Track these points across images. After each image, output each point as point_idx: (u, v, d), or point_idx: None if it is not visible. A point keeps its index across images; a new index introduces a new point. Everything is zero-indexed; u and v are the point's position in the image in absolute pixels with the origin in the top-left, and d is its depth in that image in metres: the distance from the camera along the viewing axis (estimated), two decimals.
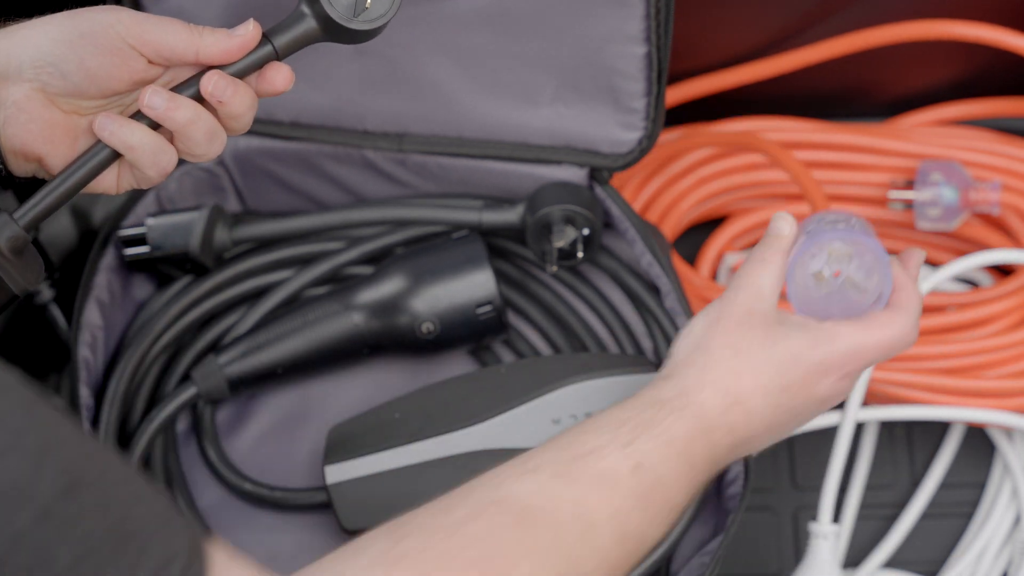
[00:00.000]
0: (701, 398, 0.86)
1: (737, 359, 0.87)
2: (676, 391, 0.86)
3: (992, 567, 1.19)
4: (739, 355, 0.88)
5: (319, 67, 1.07)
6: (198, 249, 1.09)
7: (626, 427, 0.84)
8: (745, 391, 0.87)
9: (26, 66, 0.82)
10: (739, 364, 0.87)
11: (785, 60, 1.23)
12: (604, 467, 0.81)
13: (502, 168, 1.09)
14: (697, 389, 0.86)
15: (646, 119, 1.06)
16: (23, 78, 0.83)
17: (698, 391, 0.86)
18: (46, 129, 0.84)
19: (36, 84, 0.83)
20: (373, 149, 1.10)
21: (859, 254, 0.90)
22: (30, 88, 0.83)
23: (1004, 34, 1.18)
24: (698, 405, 0.86)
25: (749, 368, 0.87)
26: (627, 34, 1.01)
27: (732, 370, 0.87)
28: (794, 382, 0.88)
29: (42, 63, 0.82)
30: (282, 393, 1.12)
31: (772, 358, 0.88)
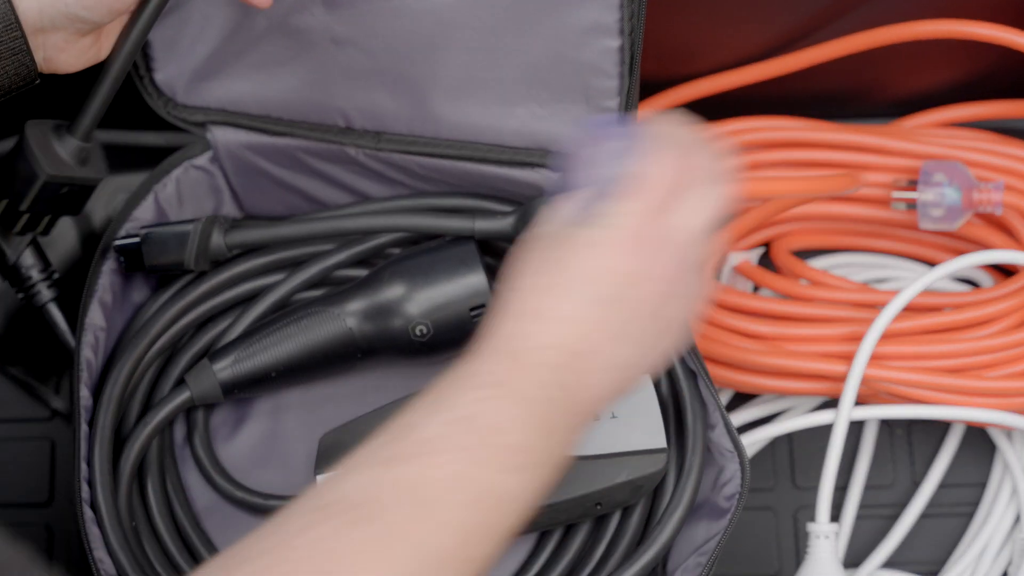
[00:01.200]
0: (519, 328, 0.80)
1: (540, 277, 0.81)
2: (497, 339, 0.80)
3: (992, 567, 1.19)
4: (539, 273, 0.82)
5: (303, 59, 1.07)
6: (193, 262, 1.09)
7: (432, 395, 0.78)
8: (563, 305, 0.80)
9: (59, 20, 0.92)
10: (546, 280, 0.81)
11: (788, 61, 1.23)
12: (428, 435, 0.75)
13: (478, 170, 1.09)
14: (514, 319, 0.80)
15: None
16: (57, 27, 0.93)
17: (515, 322, 0.80)
18: (80, 52, 0.96)
19: (71, 30, 0.93)
20: (354, 147, 1.11)
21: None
22: (66, 33, 0.93)
23: (1011, 33, 1.18)
24: (520, 338, 0.79)
25: (552, 281, 0.81)
26: (602, 25, 1.01)
27: (538, 289, 0.81)
28: (600, 272, 0.82)
29: (73, 17, 0.92)
30: (277, 397, 1.12)
31: (571, 263, 0.82)
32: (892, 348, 1.17)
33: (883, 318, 1.15)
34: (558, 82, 1.05)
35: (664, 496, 1.05)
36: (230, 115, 1.11)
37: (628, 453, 1.03)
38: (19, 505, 1.21)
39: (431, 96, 1.08)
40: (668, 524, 1.03)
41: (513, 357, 0.79)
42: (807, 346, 1.19)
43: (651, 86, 1.25)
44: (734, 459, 1.03)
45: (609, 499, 1.03)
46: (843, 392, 1.15)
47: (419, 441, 0.76)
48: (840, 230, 1.27)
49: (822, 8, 1.20)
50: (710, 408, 1.05)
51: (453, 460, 0.75)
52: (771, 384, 1.19)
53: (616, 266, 0.82)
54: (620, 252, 0.82)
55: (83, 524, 1.01)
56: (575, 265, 0.82)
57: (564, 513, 1.03)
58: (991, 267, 1.26)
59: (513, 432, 0.77)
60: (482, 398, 0.77)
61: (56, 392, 1.20)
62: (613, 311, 0.81)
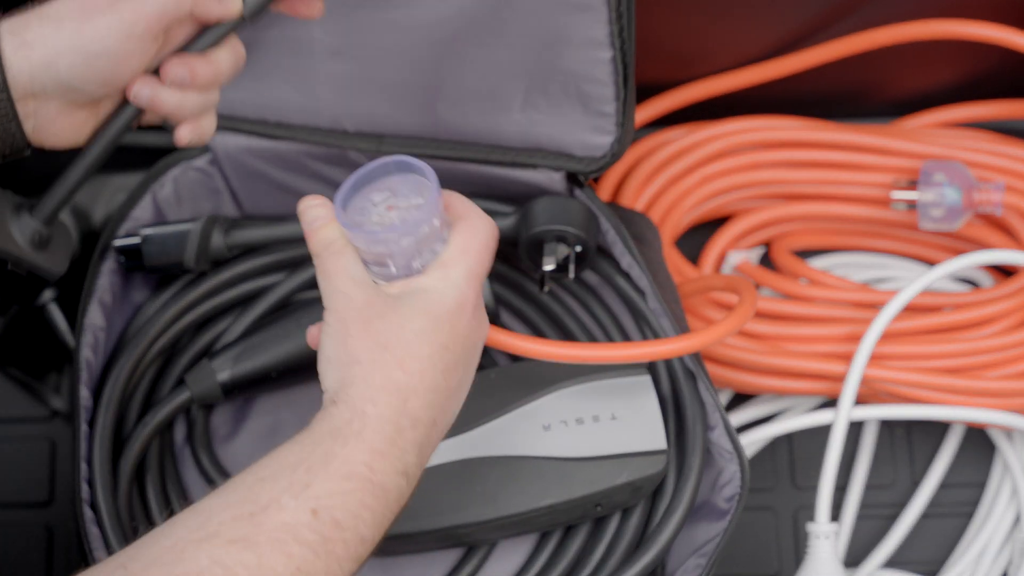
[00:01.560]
0: (377, 410, 0.82)
1: (389, 351, 0.84)
2: (349, 414, 0.82)
3: (992, 567, 1.19)
4: (388, 347, 0.84)
5: (299, 69, 1.07)
6: (193, 262, 1.10)
7: (301, 469, 0.80)
8: (414, 376, 0.84)
9: (51, 88, 0.85)
10: (394, 355, 0.84)
11: (789, 61, 1.23)
12: (282, 520, 0.78)
13: (479, 171, 1.10)
14: (370, 402, 0.83)
15: (617, 124, 1.06)
16: (49, 95, 0.86)
17: (372, 404, 0.83)
18: (76, 128, 0.89)
19: (64, 100, 0.87)
20: (355, 150, 1.11)
21: (393, 189, 0.87)
22: (58, 103, 0.87)
23: (1011, 33, 1.18)
24: (375, 418, 0.82)
25: (406, 351, 0.84)
26: (593, 39, 1.02)
27: (391, 363, 0.84)
28: (445, 337, 0.85)
29: (66, 87, 0.85)
30: (276, 397, 1.12)
31: (418, 330, 0.84)
32: (892, 348, 1.18)
33: (883, 318, 1.15)
34: (555, 90, 1.05)
35: (664, 497, 1.05)
36: (229, 120, 1.11)
37: (628, 454, 1.03)
38: (19, 505, 1.21)
39: (429, 104, 1.08)
40: (668, 525, 1.03)
41: (391, 444, 0.82)
42: (807, 346, 1.20)
43: (652, 88, 1.26)
44: (734, 460, 1.03)
45: (609, 500, 1.03)
46: (843, 392, 1.15)
47: (277, 527, 0.78)
48: (840, 230, 1.27)
49: (823, 9, 1.20)
50: (709, 409, 1.05)
51: (302, 553, 0.78)
52: (771, 384, 1.19)
53: (464, 332, 0.87)
54: (466, 319, 0.87)
55: (83, 524, 1.01)
56: (431, 333, 0.85)
57: (564, 514, 1.03)
58: (991, 267, 1.26)
59: (356, 528, 0.80)
60: (343, 492, 0.80)
61: (56, 392, 1.20)
62: (460, 375, 0.87)
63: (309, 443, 0.81)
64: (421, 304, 0.85)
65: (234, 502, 0.79)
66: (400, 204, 0.87)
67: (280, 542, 0.77)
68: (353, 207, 0.87)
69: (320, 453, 0.81)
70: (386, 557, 1.07)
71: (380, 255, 0.86)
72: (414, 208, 0.86)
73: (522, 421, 1.03)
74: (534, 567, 1.05)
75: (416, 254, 0.86)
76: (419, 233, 0.85)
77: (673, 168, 1.25)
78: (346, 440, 0.81)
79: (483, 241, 0.88)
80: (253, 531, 0.77)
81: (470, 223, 0.88)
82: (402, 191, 0.87)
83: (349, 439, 0.81)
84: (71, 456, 1.04)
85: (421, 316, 0.85)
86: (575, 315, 1.12)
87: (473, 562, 1.06)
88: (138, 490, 1.07)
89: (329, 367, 0.85)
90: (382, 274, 0.87)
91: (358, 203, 0.87)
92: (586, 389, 1.04)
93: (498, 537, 1.06)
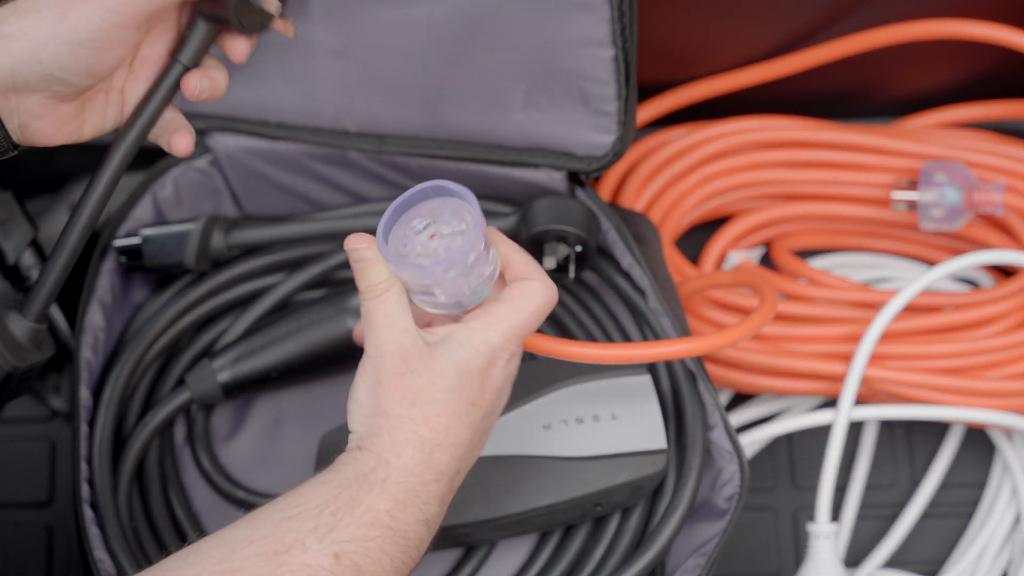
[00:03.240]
0: (401, 462, 0.84)
1: (417, 407, 0.86)
2: (374, 462, 0.84)
3: (992, 567, 1.19)
4: (416, 403, 0.86)
5: (299, 69, 1.07)
6: (193, 262, 1.10)
7: (327, 512, 0.82)
8: (439, 433, 0.86)
9: (33, 80, 0.85)
10: (422, 412, 0.86)
11: (790, 61, 1.23)
12: (306, 561, 0.80)
13: (480, 170, 1.10)
14: (395, 454, 0.84)
15: (618, 123, 1.06)
16: (32, 89, 0.85)
17: (396, 456, 0.84)
18: (61, 124, 0.88)
19: (48, 93, 0.86)
20: (355, 150, 1.11)
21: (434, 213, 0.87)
22: (42, 97, 0.86)
23: (1012, 33, 1.18)
24: (399, 470, 0.84)
25: (432, 408, 0.86)
26: (594, 38, 1.01)
27: (417, 420, 0.85)
28: (474, 393, 0.87)
29: (49, 78, 0.85)
30: (276, 397, 1.13)
31: (448, 387, 0.86)
32: (892, 348, 1.18)
33: (882, 318, 1.15)
34: (556, 90, 1.05)
35: (664, 497, 1.05)
36: (229, 121, 1.11)
37: (628, 454, 1.03)
38: (19, 505, 1.21)
39: (430, 103, 1.08)
40: (667, 525, 1.03)
41: (414, 496, 0.84)
42: (807, 346, 1.20)
43: (653, 88, 1.26)
44: (733, 460, 1.03)
45: (609, 500, 1.03)
46: (842, 392, 1.15)
47: (297, 567, 0.79)
48: (840, 230, 1.27)
49: (823, 9, 1.20)
50: (709, 409, 1.05)
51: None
52: (771, 384, 1.19)
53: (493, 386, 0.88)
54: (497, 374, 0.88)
55: (83, 524, 1.01)
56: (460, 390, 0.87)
57: (564, 514, 1.03)
58: (991, 267, 1.26)
59: (385, 573, 0.82)
60: (365, 538, 0.82)
61: (56, 392, 1.20)
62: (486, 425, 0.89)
63: (335, 485, 0.83)
64: (455, 360, 0.87)
65: (259, 538, 0.80)
66: (443, 231, 0.87)
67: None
68: (395, 236, 0.87)
69: (346, 498, 0.83)
70: None
71: (427, 286, 0.87)
72: (458, 235, 0.87)
73: (522, 420, 1.03)
74: (534, 567, 1.06)
75: (464, 282, 0.87)
76: (466, 263, 0.86)
77: (673, 168, 1.25)
78: (371, 487, 0.83)
79: (535, 308, 0.89)
80: (276, 570, 0.79)
81: (529, 287, 0.89)
82: (443, 216, 0.87)
83: (374, 487, 0.83)
84: (71, 456, 1.04)
85: (452, 373, 0.86)
86: (575, 315, 1.12)
87: (473, 562, 1.06)
88: (138, 490, 1.07)
89: (358, 412, 0.87)
90: (430, 303, 0.88)
91: (399, 231, 0.87)
92: (586, 389, 1.04)
93: (498, 537, 1.06)
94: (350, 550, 0.81)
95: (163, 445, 1.09)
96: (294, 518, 0.81)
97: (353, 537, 0.81)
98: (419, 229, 0.87)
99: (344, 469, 0.84)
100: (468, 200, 0.86)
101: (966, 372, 1.18)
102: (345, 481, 0.84)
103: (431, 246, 0.87)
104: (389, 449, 0.85)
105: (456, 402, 0.86)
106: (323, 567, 0.80)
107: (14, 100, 0.85)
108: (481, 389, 0.87)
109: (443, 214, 0.87)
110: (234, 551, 0.79)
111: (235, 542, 0.80)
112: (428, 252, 0.87)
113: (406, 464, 0.84)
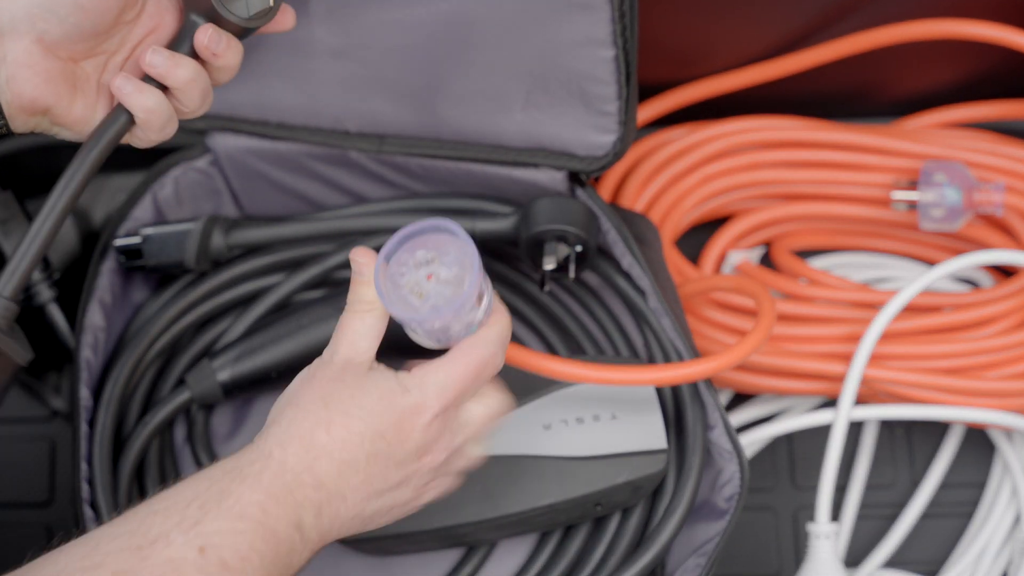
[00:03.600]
0: (284, 455, 0.82)
1: (327, 410, 0.84)
2: (256, 454, 0.82)
3: (992, 567, 1.19)
4: (329, 406, 0.84)
5: (300, 69, 1.07)
6: (193, 262, 1.10)
7: (194, 505, 0.79)
8: (335, 441, 0.83)
9: (20, 17, 0.82)
10: (328, 414, 0.84)
11: (790, 61, 1.23)
12: (169, 555, 0.77)
13: (481, 170, 1.10)
14: (280, 447, 0.82)
15: (619, 122, 1.06)
16: (19, 31, 0.82)
17: (281, 449, 0.82)
18: (50, 80, 0.83)
19: (34, 35, 0.82)
20: (355, 150, 1.11)
21: (439, 249, 0.86)
22: (29, 41, 0.82)
23: (1012, 33, 1.18)
24: (278, 463, 0.82)
25: (339, 417, 0.84)
26: (595, 38, 1.01)
27: (320, 421, 0.84)
28: (388, 427, 0.85)
29: (38, 10, 0.82)
30: (276, 397, 1.12)
31: (364, 404, 0.84)
32: (892, 348, 1.18)
33: (882, 318, 1.15)
34: (557, 89, 1.05)
35: (664, 497, 1.05)
36: (230, 121, 1.11)
37: (628, 454, 1.03)
38: (19, 505, 1.21)
39: (430, 103, 1.08)
40: (667, 525, 1.03)
41: (288, 492, 0.82)
42: (807, 346, 1.20)
43: (653, 88, 1.26)
44: (733, 460, 1.03)
45: (609, 500, 1.03)
46: (842, 392, 1.15)
47: (164, 562, 0.77)
48: (840, 230, 1.27)
49: (823, 9, 1.20)
50: (709, 408, 1.05)
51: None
52: (771, 384, 1.19)
53: (409, 436, 0.86)
54: (419, 425, 0.86)
55: (83, 524, 1.01)
56: (374, 415, 0.85)
57: (564, 514, 1.03)
58: (991, 267, 1.26)
59: (253, 571, 0.79)
60: (233, 532, 0.79)
61: (56, 392, 1.20)
62: (386, 471, 0.86)
63: (207, 480, 0.81)
64: (383, 388, 0.85)
65: (123, 533, 0.78)
66: (441, 273, 0.86)
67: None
68: (397, 260, 0.86)
69: (216, 490, 0.80)
70: (386, 557, 1.07)
71: (407, 323, 0.87)
72: (452, 284, 0.86)
73: (522, 420, 1.03)
74: (534, 567, 1.06)
75: (447, 329, 0.87)
76: (448, 318, 0.85)
77: (673, 168, 1.25)
78: (244, 479, 0.81)
79: (474, 368, 0.87)
80: (138, 564, 0.77)
81: (476, 345, 0.87)
82: (446, 256, 0.86)
83: (247, 478, 0.81)
84: (71, 456, 1.04)
85: (375, 396, 0.85)
86: (575, 315, 1.12)
87: (473, 562, 1.06)
88: (138, 490, 1.07)
89: (280, 401, 0.86)
90: (414, 338, 0.88)
91: (403, 256, 0.86)
92: (587, 389, 1.04)
93: (498, 537, 1.06)
94: (216, 543, 0.78)
95: (163, 445, 1.09)
96: (160, 512, 0.79)
97: (220, 530, 0.79)
98: (421, 262, 0.86)
99: (221, 464, 0.82)
100: (470, 257, 0.85)
101: (966, 372, 1.18)
102: (218, 475, 0.81)
103: (425, 287, 0.86)
104: (278, 441, 0.83)
105: (363, 422, 0.84)
106: (187, 560, 0.77)
107: (4, 45, 0.82)
108: (395, 429, 0.85)
109: (447, 254, 0.86)
110: (97, 547, 0.77)
111: (99, 539, 0.78)
112: (420, 291, 0.86)
113: (287, 459, 0.82)
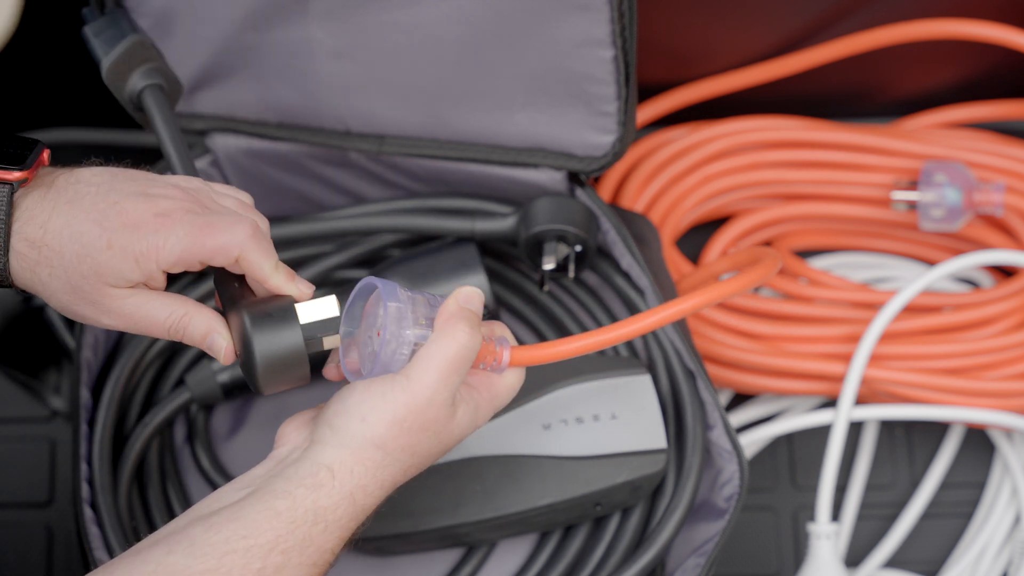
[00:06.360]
0: (365, 501, 0.82)
1: (413, 458, 0.84)
2: (340, 497, 0.82)
3: (992, 567, 1.19)
4: (416, 454, 0.84)
5: (300, 70, 1.07)
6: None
7: (276, 551, 0.79)
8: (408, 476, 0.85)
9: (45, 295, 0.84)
10: (414, 461, 0.84)
11: (790, 61, 1.23)
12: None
13: (481, 170, 1.10)
14: (363, 491, 0.82)
15: (618, 123, 1.06)
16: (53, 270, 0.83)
17: (364, 494, 0.82)
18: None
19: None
20: (355, 151, 1.11)
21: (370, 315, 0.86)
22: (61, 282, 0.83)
23: (1012, 33, 1.18)
24: (361, 509, 0.82)
25: (421, 460, 0.84)
26: (594, 38, 1.01)
27: (405, 468, 0.84)
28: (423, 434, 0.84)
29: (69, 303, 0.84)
30: (276, 397, 1.12)
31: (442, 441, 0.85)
32: (892, 348, 1.18)
33: (882, 318, 1.15)
34: (556, 89, 1.05)
35: (663, 497, 1.05)
36: (229, 121, 1.11)
37: (628, 454, 1.03)
38: (19, 505, 1.21)
39: (429, 104, 1.08)
40: (667, 525, 1.03)
41: (350, 531, 0.82)
42: (807, 346, 1.20)
43: (654, 88, 1.26)
44: (733, 460, 1.03)
45: (609, 499, 1.03)
46: (842, 392, 1.15)
47: None
48: (840, 230, 1.27)
49: (823, 9, 1.20)
50: (709, 408, 1.05)
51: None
52: (771, 384, 1.19)
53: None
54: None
55: (83, 524, 1.01)
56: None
57: (564, 514, 1.03)
58: (991, 267, 1.26)
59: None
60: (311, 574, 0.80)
61: (56, 392, 1.20)
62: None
63: (289, 520, 0.80)
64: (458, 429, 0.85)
65: (200, 572, 0.77)
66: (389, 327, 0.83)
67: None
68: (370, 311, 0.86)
69: (299, 536, 0.80)
70: (386, 557, 1.07)
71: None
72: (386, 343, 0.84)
73: (522, 420, 1.03)
74: (534, 567, 1.06)
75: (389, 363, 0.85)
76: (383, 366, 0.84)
77: (673, 168, 1.25)
78: (327, 526, 0.81)
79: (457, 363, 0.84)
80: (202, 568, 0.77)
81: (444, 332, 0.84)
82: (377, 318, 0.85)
83: (330, 525, 0.81)
84: (71, 456, 1.04)
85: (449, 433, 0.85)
86: (575, 315, 1.12)
87: (473, 562, 1.06)
88: (138, 490, 1.07)
89: (347, 418, 0.83)
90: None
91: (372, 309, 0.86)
92: (586, 388, 1.04)
93: (497, 537, 1.06)
94: None
95: (163, 445, 1.09)
96: (239, 552, 0.78)
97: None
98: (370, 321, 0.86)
99: (301, 497, 0.81)
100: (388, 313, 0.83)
101: (966, 372, 1.18)
102: (300, 517, 0.80)
103: (375, 340, 0.85)
104: (360, 485, 0.82)
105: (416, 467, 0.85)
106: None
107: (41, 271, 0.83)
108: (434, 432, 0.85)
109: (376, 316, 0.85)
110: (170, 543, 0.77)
111: (174, 571, 0.76)
112: (373, 343, 0.85)
113: (367, 505, 0.82)
